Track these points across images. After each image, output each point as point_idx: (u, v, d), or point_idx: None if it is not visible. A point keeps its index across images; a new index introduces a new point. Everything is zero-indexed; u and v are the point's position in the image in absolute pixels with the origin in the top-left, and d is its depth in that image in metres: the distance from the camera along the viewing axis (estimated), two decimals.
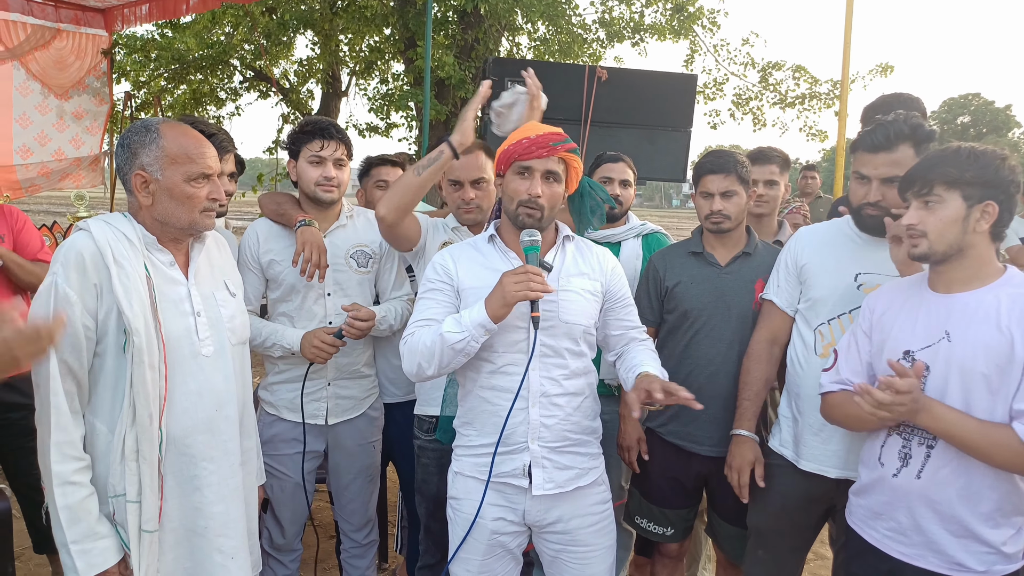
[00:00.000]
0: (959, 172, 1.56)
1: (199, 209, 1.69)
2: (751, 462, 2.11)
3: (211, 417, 1.71)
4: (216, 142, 2.29)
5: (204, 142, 1.71)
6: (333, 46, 8.80)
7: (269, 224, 2.40)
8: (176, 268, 1.72)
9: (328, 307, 2.37)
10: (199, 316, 1.72)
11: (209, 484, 1.70)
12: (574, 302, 1.83)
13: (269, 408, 2.44)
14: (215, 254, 1.87)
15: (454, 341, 1.72)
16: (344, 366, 2.42)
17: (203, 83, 9.94)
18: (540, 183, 1.79)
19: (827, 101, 8.69)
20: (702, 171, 2.27)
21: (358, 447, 2.50)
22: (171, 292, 1.69)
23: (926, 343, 1.62)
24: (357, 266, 2.41)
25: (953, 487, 1.59)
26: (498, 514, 1.85)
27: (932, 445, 1.61)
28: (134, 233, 1.67)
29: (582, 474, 1.87)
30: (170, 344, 1.65)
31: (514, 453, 1.82)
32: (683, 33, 8.43)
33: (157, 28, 9.77)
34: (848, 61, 4.68)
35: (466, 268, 1.87)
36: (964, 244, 1.58)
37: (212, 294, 1.78)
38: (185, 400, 1.68)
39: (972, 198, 1.56)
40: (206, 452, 1.70)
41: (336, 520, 2.66)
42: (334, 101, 10.12)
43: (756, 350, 2.16)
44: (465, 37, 7.43)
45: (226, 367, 1.76)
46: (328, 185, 2.30)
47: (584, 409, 1.88)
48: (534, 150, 1.78)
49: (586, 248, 1.94)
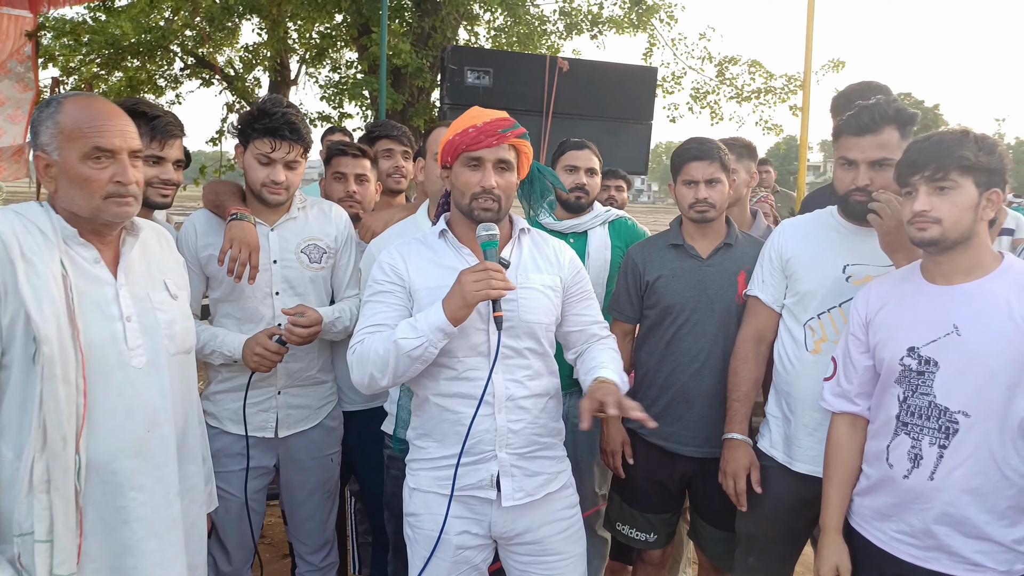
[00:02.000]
0: (974, 157, 1.50)
1: (101, 194, 1.44)
2: (746, 467, 2.01)
3: (141, 438, 1.48)
4: (160, 125, 2.05)
5: (109, 115, 1.46)
6: (281, 32, 8.44)
7: (208, 216, 2.17)
8: (102, 265, 1.49)
9: (276, 307, 2.16)
10: (129, 321, 1.49)
11: (139, 517, 1.47)
12: (535, 299, 1.73)
13: (211, 420, 2.21)
14: (154, 249, 1.64)
15: (410, 348, 1.58)
16: (296, 372, 2.21)
17: (140, 70, 9.46)
18: (493, 173, 1.67)
19: (782, 95, 8.82)
20: (685, 158, 2.16)
21: (313, 461, 2.29)
22: (94, 293, 1.46)
23: (931, 337, 1.55)
24: (309, 261, 2.20)
25: (967, 487, 1.52)
26: (462, 527, 1.73)
27: (945, 445, 1.54)
28: (50, 225, 1.44)
29: (551, 479, 1.78)
30: (91, 354, 1.42)
31: (480, 463, 1.70)
32: (641, 26, 8.45)
33: (89, 11, 9.26)
34: (810, 57, 4.67)
35: (417, 267, 1.73)
36: (972, 232, 1.54)
37: (147, 295, 1.55)
38: (109, 419, 1.44)
39: (983, 184, 1.52)
40: (135, 479, 1.47)
41: (290, 541, 2.44)
42: (283, 90, 9.76)
43: (743, 349, 2.07)
44: (422, 24, 7.22)
45: (162, 380, 1.53)
46: (276, 188, 2.09)
47: (549, 410, 1.79)
48: (483, 139, 1.66)
49: (543, 241, 1.85)
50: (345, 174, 2.52)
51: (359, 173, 2.53)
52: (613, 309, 2.32)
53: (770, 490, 1.99)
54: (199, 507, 1.71)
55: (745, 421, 2.04)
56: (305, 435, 2.26)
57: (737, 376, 2.06)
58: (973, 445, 1.51)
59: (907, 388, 1.59)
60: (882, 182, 1.78)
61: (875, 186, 1.79)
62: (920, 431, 1.57)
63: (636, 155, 4.76)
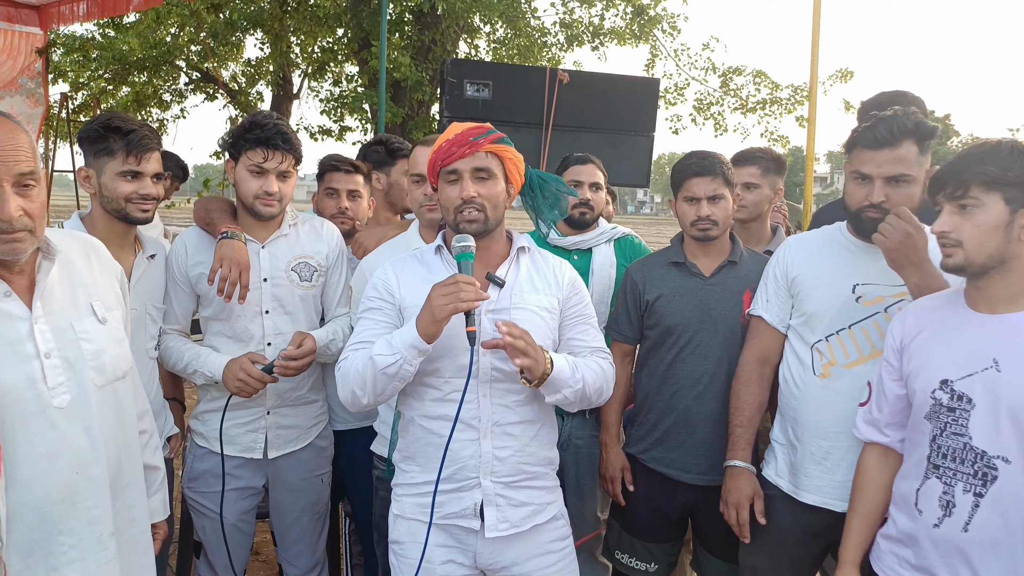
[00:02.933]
0: (1001, 171, 1.35)
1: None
2: (749, 496, 1.92)
3: (69, 482, 1.35)
4: (135, 139, 1.97)
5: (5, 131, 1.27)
6: (284, 47, 8.48)
7: (199, 233, 2.14)
8: (13, 298, 1.33)
9: (267, 326, 2.12)
10: (48, 358, 1.34)
11: (70, 562, 1.35)
12: (528, 320, 1.65)
13: (200, 440, 2.18)
14: (80, 269, 1.47)
15: (385, 365, 1.54)
16: (286, 392, 2.16)
17: (147, 85, 9.54)
18: (472, 183, 1.63)
19: (788, 106, 8.76)
20: (686, 173, 2.09)
21: (303, 482, 2.24)
22: (6, 331, 1.31)
23: (967, 371, 1.41)
24: (300, 280, 2.16)
25: (1006, 543, 1.37)
26: (447, 556, 1.67)
27: (981, 493, 1.39)
28: None
29: (539, 510, 1.70)
30: (5, 399, 1.28)
31: (463, 491, 1.64)
32: (643, 37, 8.42)
33: (98, 27, 9.35)
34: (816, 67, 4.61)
35: (409, 283, 1.70)
36: (1008, 255, 1.37)
37: (70, 326, 1.40)
38: (32, 466, 1.31)
39: (1016, 201, 1.35)
40: (63, 524, 1.35)
41: (280, 563, 2.39)
42: (285, 104, 9.80)
43: (746, 372, 1.98)
44: (422, 38, 7.23)
45: (89, 417, 1.39)
46: (269, 199, 2.05)
47: (541, 438, 1.71)
48: (455, 150, 1.63)
49: (542, 260, 1.78)
50: (337, 190, 2.49)
51: (351, 189, 2.50)
52: (612, 329, 2.25)
53: (775, 521, 1.90)
54: (144, 534, 1.57)
55: (748, 447, 1.96)
56: (295, 455, 2.21)
57: (740, 400, 1.97)
58: (1014, 496, 1.36)
59: (937, 426, 1.45)
60: (898, 199, 1.68)
61: (891, 203, 1.68)
62: (953, 475, 1.43)
63: (638, 167, 4.71)
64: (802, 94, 8.65)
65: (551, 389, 1.61)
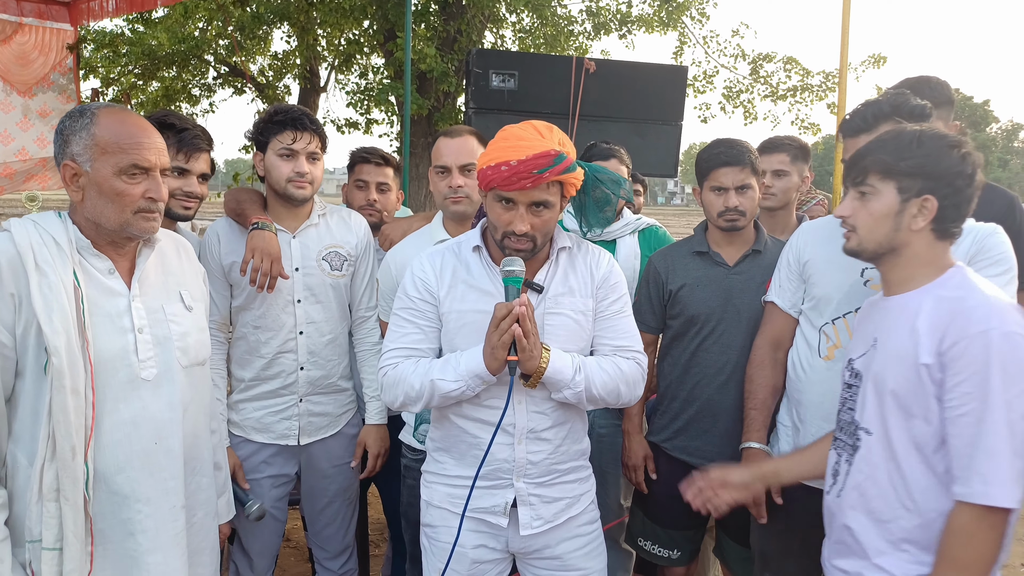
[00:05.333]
0: (895, 160, 1.37)
1: (132, 209, 1.46)
2: None
3: (148, 451, 1.48)
4: (187, 138, 2.06)
5: (145, 131, 1.48)
6: (310, 40, 8.54)
7: (230, 224, 2.18)
8: (116, 277, 1.51)
9: (298, 315, 2.15)
10: (140, 333, 1.50)
11: (144, 530, 1.47)
12: (563, 326, 1.63)
13: (234, 428, 2.22)
14: (172, 261, 1.65)
15: (448, 390, 1.57)
16: (318, 380, 2.20)
17: (175, 79, 9.69)
18: (527, 216, 1.53)
19: (819, 93, 8.59)
20: (714, 163, 2.07)
21: (334, 469, 2.29)
22: (107, 305, 1.47)
23: (861, 351, 1.48)
24: (330, 269, 2.19)
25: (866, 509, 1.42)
26: (478, 541, 1.69)
27: (850, 462, 1.47)
28: (65, 236, 1.46)
29: (573, 502, 1.71)
30: (100, 366, 1.43)
31: (496, 489, 1.66)
32: (671, 24, 8.30)
33: (127, 23, 9.52)
34: (846, 53, 4.50)
35: (449, 286, 1.66)
36: (897, 243, 1.40)
37: (161, 307, 1.56)
38: (116, 431, 1.45)
39: (908, 191, 1.37)
40: (141, 492, 1.47)
41: (310, 547, 2.43)
42: (312, 97, 9.88)
43: (759, 355, 1.98)
44: (447, 28, 7.21)
45: (171, 393, 1.53)
46: (301, 181, 2.08)
47: (573, 434, 1.71)
48: (515, 181, 1.49)
49: (580, 256, 1.71)
50: (367, 182, 2.51)
51: (381, 181, 2.51)
52: (635, 319, 2.25)
53: (784, 503, 1.91)
54: (210, 519, 1.70)
55: (763, 429, 1.96)
56: (325, 443, 2.25)
57: (753, 383, 1.97)
58: (871, 465, 1.42)
59: (842, 401, 1.53)
60: None
61: None
62: (842, 447, 1.51)
63: (665, 157, 4.66)
64: (833, 80, 8.45)
65: (552, 388, 1.59)
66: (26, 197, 4.58)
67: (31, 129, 6.68)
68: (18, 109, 6.48)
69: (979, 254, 1.66)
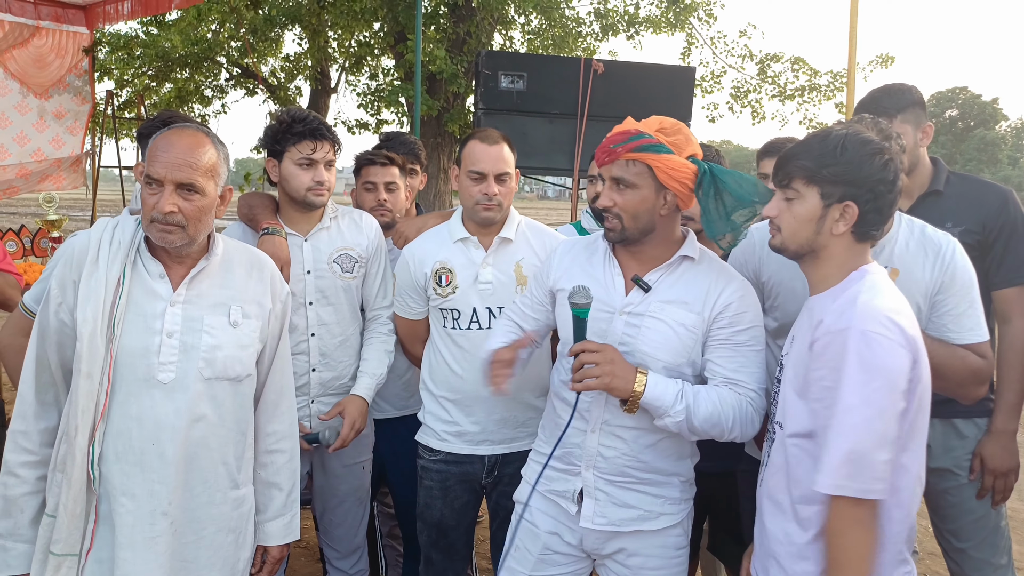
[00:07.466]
0: (818, 167, 1.39)
1: (148, 219, 1.52)
2: None
3: (144, 450, 1.51)
4: None
5: (168, 146, 1.51)
6: (321, 42, 8.61)
7: (243, 229, 2.22)
8: (164, 281, 1.56)
9: (310, 317, 2.19)
10: (169, 337, 1.54)
11: (123, 524, 1.50)
12: (658, 331, 1.60)
13: None
14: (237, 276, 1.64)
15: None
16: (329, 381, 2.23)
17: (188, 81, 9.78)
18: (608, 190, 1.59)
19: (827, 93, 8.57)
20: None
21: (345, 468, 2.31)
22: (146, 305, 1.54)
23: (787, 349, 1.53)
24: (341, 271, 2.22)
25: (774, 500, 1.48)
26: (553, 527, 1.73)
27: (769, 452, 1.52)
28: (129, 237, 1.56)
29: (648, 517, 1.67)
30: (121, 359, 1.51)
31: (569, 474, 1.71)
32: (679, 25, 8.31)
33: (141, 25, 9.62)
34: (854, 53, 4.50)
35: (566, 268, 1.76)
36: (817, 245, 1.43)
37: (201, 317, 1.57)
38: (122, 423, 1.51)
39: (831, 196, 1.39)
40: (128, 486, 1.51)
41: (321, 547, 2.47)
42: (323, 98, 9.95)
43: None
44: (457, 30, 7.26)
45: (184, 400, 1.53)
46: (320, 189, 2.13)
47: (662, 449, 1.65)
48: (600, 156, 1.62)
49: (706, 272, 1.63)
50: (375, 183, 2.52)
51: (388, 181, 2.53)
52: None
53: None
54: (228, 536, 1.64)
55: None
56: None
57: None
58: (781, 458, 1.46)
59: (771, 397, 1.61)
60: None
61: None
62: (768, 440, 1.57)
63: None
64: (841, 80, 8.43)
65: (653, 414, 1.55)
66: (43, 198, 4.66)
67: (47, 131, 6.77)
68: (34, 111, 6.57)
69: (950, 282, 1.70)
